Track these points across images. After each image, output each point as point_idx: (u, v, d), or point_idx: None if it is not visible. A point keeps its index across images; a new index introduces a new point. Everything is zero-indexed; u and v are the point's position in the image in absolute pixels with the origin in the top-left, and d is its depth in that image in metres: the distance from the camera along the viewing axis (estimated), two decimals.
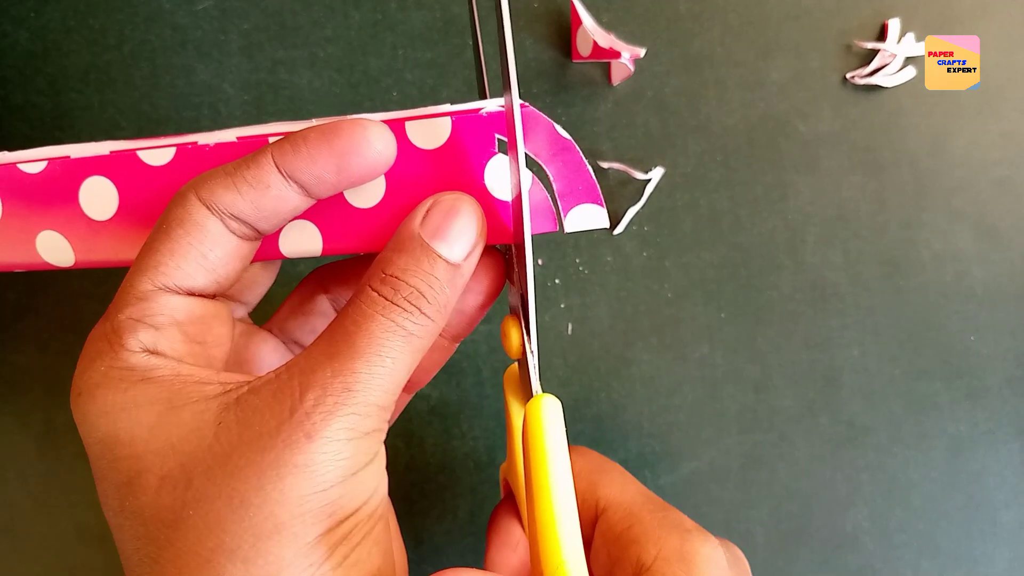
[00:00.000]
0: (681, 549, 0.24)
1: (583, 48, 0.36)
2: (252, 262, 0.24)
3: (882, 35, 0.38)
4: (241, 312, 0.26)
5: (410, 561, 0.36)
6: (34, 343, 0.37)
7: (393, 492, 0.37)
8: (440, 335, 0.25)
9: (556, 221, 0.24)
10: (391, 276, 0.21)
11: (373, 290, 0.21)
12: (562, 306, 0.37)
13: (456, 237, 0.21)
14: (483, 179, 0.23)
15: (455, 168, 0.23)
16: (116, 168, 0.24)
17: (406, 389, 0.27)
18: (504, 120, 0.23)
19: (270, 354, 0.26)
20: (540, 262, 0.37)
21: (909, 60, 0.37)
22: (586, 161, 0.23)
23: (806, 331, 0.37)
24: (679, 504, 0.36)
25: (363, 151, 0.21)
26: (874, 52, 0.37)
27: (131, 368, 0.20)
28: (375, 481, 0.21)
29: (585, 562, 0.22)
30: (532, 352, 0.24)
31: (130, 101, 0.37)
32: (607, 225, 0.24)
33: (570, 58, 0.37)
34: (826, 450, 0.37)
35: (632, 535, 0.24)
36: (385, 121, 0.22)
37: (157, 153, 0.24)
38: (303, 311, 0.27)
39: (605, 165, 0.37)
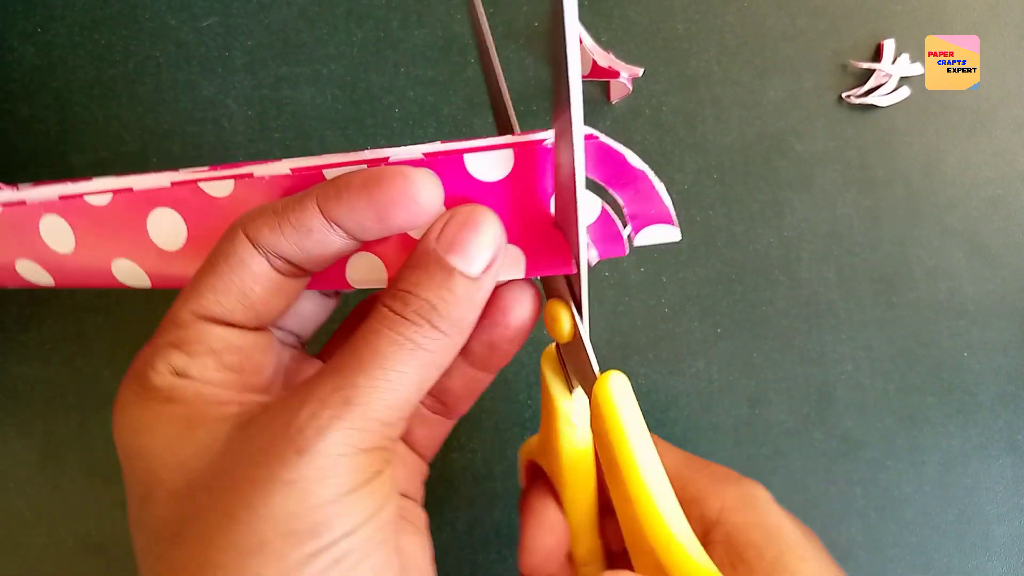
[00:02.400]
0: (741, 496, 0.25)
1: (583, 67, 0.37)
2: (317, 290, 0.23)
3: (877, 55, 0.38)
4: (292, 341, 0.26)
5: None
6: (37, 355, 0.37)
7: None
8: (471, 365, 0.25)
9: (624, 245, 0.23)
10: (402, 291, 0.20)
11: (384, 306, 0.20)
12: None
13: (473, 249, 0.21)
14: (549, 209, 0.22)
15: (519, 199, 0.22)
16: (180, 199, 0.24)
17: (445, 415, 0.27)
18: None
19: None
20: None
21: (904, 80, 0.38)
22: (660, 187, 0.23)
23: (800, 346, 0.38)
24: None
25: (406, 204, 0.20)
26: (869, 72, 0.38)
27: (156, 388, 0.20)
28: (376, 503, 0.20)
29: (692, 532, 0.22)
30: (585, 333, 0.23)
31: (135, 116, 0.38)
32: (678, 238, 0.23)
33: None
34: (820, 464, 0.38)
35: (689, 495, 0.25)
36: (441, 153, 0.21)
37: (218, 185, 0.24)
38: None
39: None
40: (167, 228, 0.24)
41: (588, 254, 0.23)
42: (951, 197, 0.38)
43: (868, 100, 0.38)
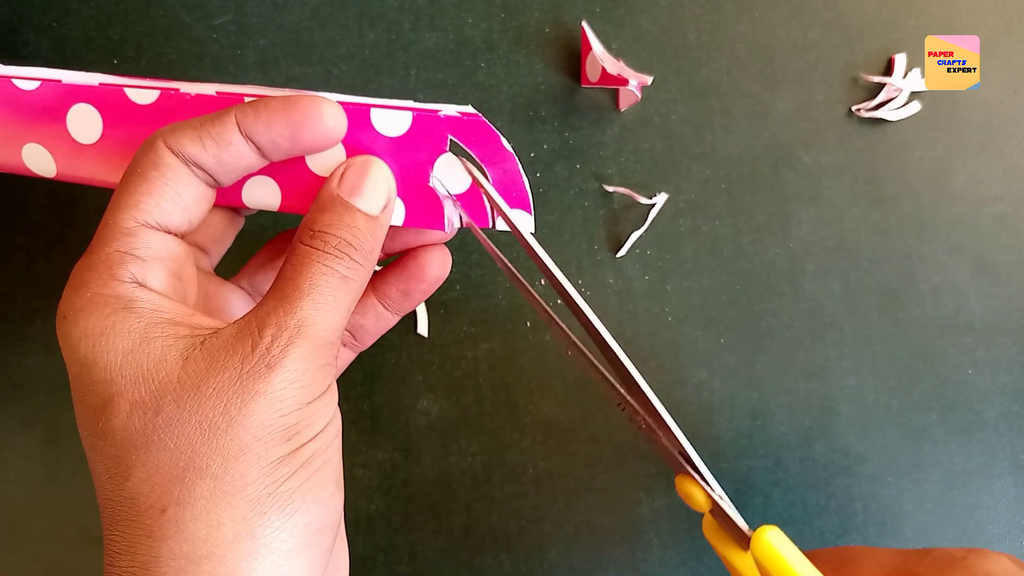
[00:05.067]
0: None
1: (592, 74, 0.37)
2: (216, 205, 0.26)
3: (888, 69, 0.38)
4: (206, 264, 0.28)
5: (404, 574, 0.37)
6: (41, 347, 0.37)
7: (390, 505, 0.37)
8: (385, 308, 0.29)
9: (489, 219, 0.27)
10: (319, 231, 0.23)
11: (305, 244, 0.23)
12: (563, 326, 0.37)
13: (371, 193, 0.24)
14: (430, 169, 0.26)
15: (408, 155, 0.26)
16: (103, 99, 0.27)
17: (351, 347, 0.30)
18: (455, 124, 0.26)
19: (238, 303, 0.29)
20: (542, 282, 0.37)
21: (914, 95, 0.38)
22: (523, 173, 0.26)
23: (804, 360, 0.38)
24: (673, 526, 0.37)
25: (316, 124, 0.24)
26: (880, 86, 0.38)
27: (116, 296, 0.22)
28: (329, 412, 0.23)
29: None
30: (722, 498, 0.25)
31: None
32: (532, 230, 0.27)
33: (579, 83, 0.38)
34: (820, 478, 0.37)
35: None
36: (353, 103, 0.25)
37: (142, 93, 0.26)
38: (272, 267, 0.30)
39: (610, 189, 0.37)
40: (85, 123, 0.27)
41: (453, 215, 0.27)
42: (959, 213, 0.38)
43: (878, 114, 0.38)
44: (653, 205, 0.37)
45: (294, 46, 0.38)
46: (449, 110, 0.26)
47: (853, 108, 0.38)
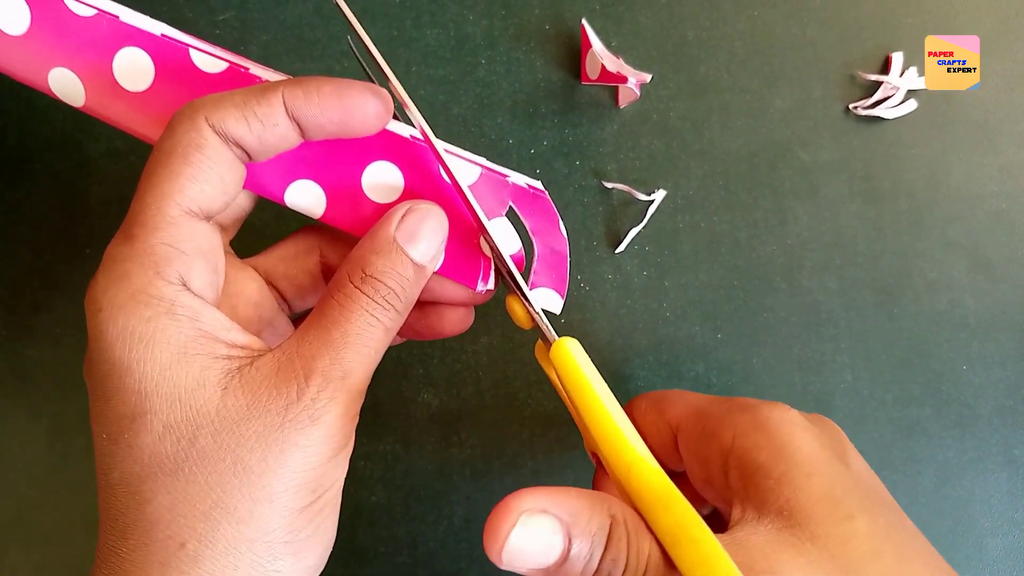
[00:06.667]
0: (754, 420, 0.25)
1: (592, 71, 0.37)
2: (255, 194, 0.26)
3: (885, 67, 0.38)
4: (225, 242, 0.27)
5: (404, 564, 0.37)
6: (47, 338, 0.38)
7: (391, 496, 0.38)
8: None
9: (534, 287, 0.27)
10: (371, 277, 0.23)
11: (357, 288, 0.23)
12: (563, 321, 0.38)
13: (426, 244, 0.24)
14: (486, 230, 0.26)
15: (463, 212, 0.26)
16: (163, 52, 0.25)
17: None
18: (519, 193, 0.26)
19: (255, 291, 0.28)
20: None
21: (911, 93, 0.38)
22: (568, 262, 0.27)
23: (800, 354, 0.38)
24: None
25: (368, 113, 0.24)
26: (877, 84, 0.38)
27: (160, 298, 0.21)
28: (346, 464, 0.24)
29: (650, 452, 0.24)
30: (536, 311, 0.26)
31: None
32: (559, 311, 0.27)
33: (579, 80, 0.38)
34: None
35: (707, 431, 0.26)
36: (427, 141, 0.25)
37: (209, 60, 0.25)
38: (295, 264, 0.29)
39: (609, 185, 0.38)
40: (134, 68, 0.26)
41: (488, 279, 0.27)
42: (955, 210, 0.39)
43: (875, 112, 0.38)
44: (651, 201, 0.38)
45: (296, 42, 0.38)
46: (518, 179, 0.26)
47: (850, 106, 0.38)
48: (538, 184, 0.26)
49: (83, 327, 0.38)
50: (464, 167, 0.26)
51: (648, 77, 0.35)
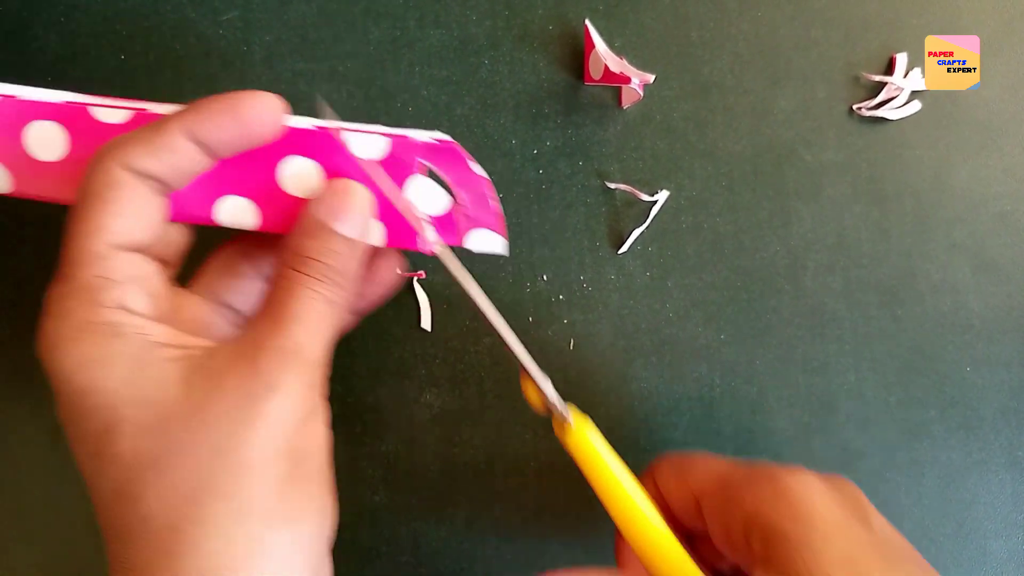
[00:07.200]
0: (774, 488, 0.26)
1: (595, 71, 0.37)
2: (184, 223, 0.27)
3: (890, 68, 0.38)
4: (167, 276, 0.28)
5: (407, 564, 0.37)
6: None
7: (393, 496, 0.38)
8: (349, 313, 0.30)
9: (460, 237, 0.28)
10: (307, 258, 0.25)
11: (296, 271, 0.25)
12: (565, 322, 0.38)
13: (350, 216, 0.26)
14: (402, 191, 0.27)
15: (385, 182, 0.27)
16: (68, 117, 0.26)
17: None
18: (429, 149, 0.27)
19: (207, 313, 0.29)
20: (544, 278, 0.38)
21: (915, 94, 0.38)
22: (494, 195, 0.28)
23: (804, 355, 0.38)
24: None
25: (263, 118, 0.25)
26: (881, 85, 0.38)
27: (104, 323, 0.23)
28: (322, 430, 0.25)
29: (672, 518, 0.27)
30: (549, 395, 0.29)
31: None
32: (505, 253, 0.28)
33: (582, 80, 0.38)
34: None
35: (729, 499, 0.27)
36: (327, 127, 0.26)
37: (111, 112, 0.26)
38: (230, 275, 0.30)
39: (612, 186, 0.38)
40: (47, 141, 0.27)
41: (427, 233, 0.28)
42: (959, 212, 0.38)
43: (879, 113, 0.38)
44: (655, 202, 0.37)
45: (300, 42, 0.38)
46: (422, 135, 0.27)
47: (854, 107, 0.38)
48: (443, 135, 0.27)
49: None
50: (370, 140, 0.27)
51: (651, 78, 0.35)
